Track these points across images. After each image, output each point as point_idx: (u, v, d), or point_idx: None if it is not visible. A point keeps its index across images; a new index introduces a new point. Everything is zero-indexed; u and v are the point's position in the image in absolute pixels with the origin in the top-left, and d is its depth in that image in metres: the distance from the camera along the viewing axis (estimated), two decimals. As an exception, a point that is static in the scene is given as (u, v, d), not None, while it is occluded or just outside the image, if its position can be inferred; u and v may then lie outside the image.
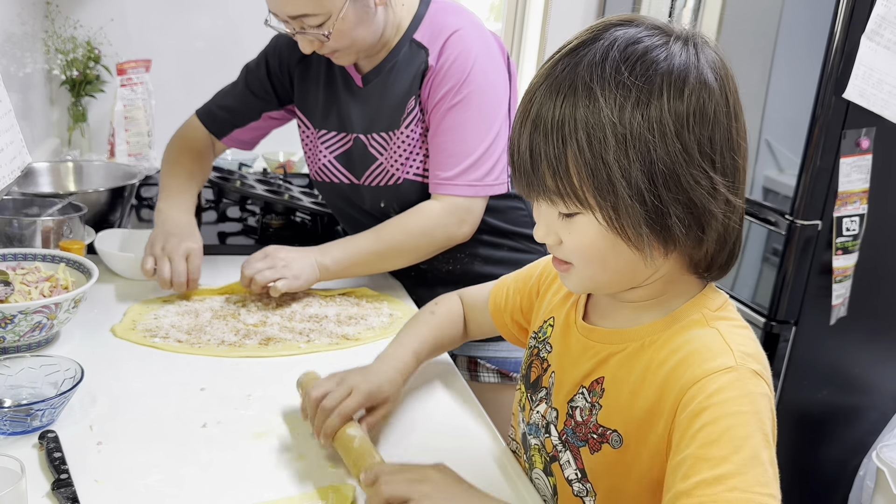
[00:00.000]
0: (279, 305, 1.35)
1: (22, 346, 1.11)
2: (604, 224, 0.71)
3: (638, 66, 0.69)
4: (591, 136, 0.68)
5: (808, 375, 1.98)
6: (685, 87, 0.69)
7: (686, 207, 0.70)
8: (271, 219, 1.77)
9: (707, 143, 0.69)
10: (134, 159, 2.13)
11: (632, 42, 0.70)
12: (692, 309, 0.77)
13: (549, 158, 0.70)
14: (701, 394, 0.70)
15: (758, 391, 0.70)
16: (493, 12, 3.26)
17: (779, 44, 1.96)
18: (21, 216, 1.39)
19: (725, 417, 0.68)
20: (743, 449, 0.66)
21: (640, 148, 0.68)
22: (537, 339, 0.94)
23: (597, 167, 0.69)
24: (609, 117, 0.68)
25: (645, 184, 0.68)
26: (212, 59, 2.48)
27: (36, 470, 0.86)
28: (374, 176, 1.41)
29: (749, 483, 0.65)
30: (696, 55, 0.71)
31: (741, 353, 0.72)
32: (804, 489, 2.11)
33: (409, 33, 1.36)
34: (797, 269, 1.89)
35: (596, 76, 0.69)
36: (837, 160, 1.82)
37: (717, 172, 0.70)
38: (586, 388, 0.82)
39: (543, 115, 0.70)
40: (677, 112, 0.68)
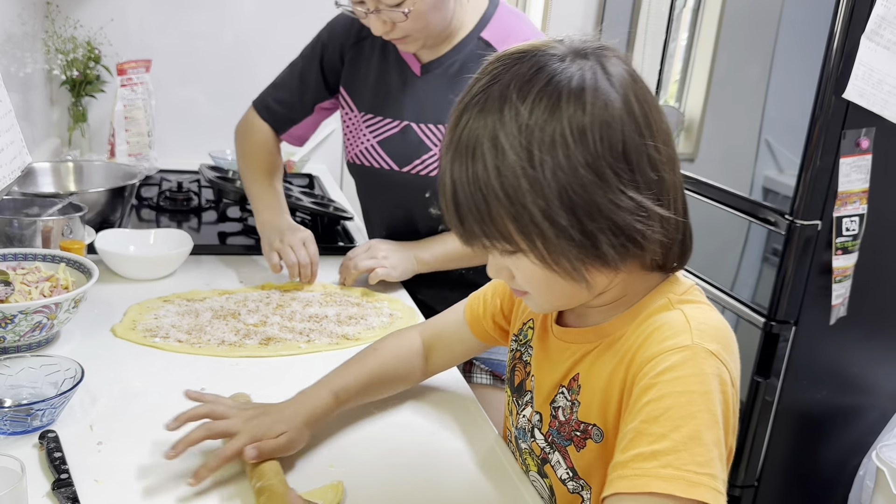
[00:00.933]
0: (279, 305, 1.35)
1: (22, 345, 1.11)
2: (538, 264, 0.73)
3: (536, 103, 0.68)
4: (504, 185, 0.69)
5: (807, 375, 1.98)
6: (584, 112, 0.68)
7: (613, 233, 0.70)
8: (271, 219, 1.77)
9: (621, 165, 0.69)
10: (134, 159, 2.13)
11: (527, 79, 0.69)
12: (657, 296, 0.78)
13: (473, 211, 0.71)
14: (652, 370, 0.71)
15: (710, 371, 0.70)
16: (493, 12, 3.26)
17: (779, 44, 1.96)
18: (21, 216, 1.39)
19: (671, 395, 0.68)
20: (683, 428, 0.67)
21: (554, 186, 0.68)
22: (518, 341, 0.95)
23: (518, 213, 0.69)
24: (517, 162, 0.68)
25: (568, 220, 0.68)
26: (212, 59, 2.48)
27: (36, 470, 0.86)
28: (424, 165, 1.42)
29: (684, 461, 0.66)
30: (594, 75, 0.70)
31: (700, 333, 0.72)
32: (804, 489, 2.11)
33: (477, 31, 1.38)
34: (797, 269, 1.89)
35: (498, 127, 0.69)
36: (837, 160, 1.82)
37: (639, 190, 0.70)
38: (565, 387, 0.84)
39: (457, 172, 0.71)
40: (584, 142, 0.68)
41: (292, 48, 1.59)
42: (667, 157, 0.72)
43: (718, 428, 0.68)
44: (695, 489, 0.65)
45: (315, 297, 1.40)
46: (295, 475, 0.90)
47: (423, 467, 0.94)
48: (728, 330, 0.76)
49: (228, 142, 2.45)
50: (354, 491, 0.87)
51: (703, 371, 0.69)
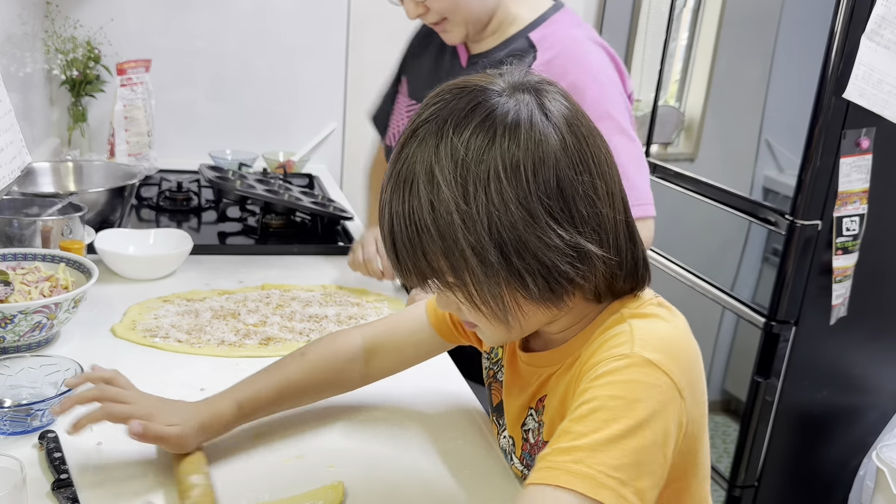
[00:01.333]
0: (279, 305, 1.35)
1: (22, 345, 1.11)
2: (465, 303, 0.73)
3: (471, 140, 0.68)
4: (436, 220, 0.69)
5: (808, 375, 1.98)
6: (518, 149, 0.68)
7: (540, 273, 0.70)
8: (271, 219, 1.77)
9: (555, 199, 0.69)
10: (134, 159, 2.13)
11: (464, 115, 0.70)
12: (611, 312, 0.78)
13: (407, 246, 0.72)
14: (590, 376, 0.71)
15: (646, 380, 0.69)
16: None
17: (779, 44, 1.96)
18: (21, 216, 1.39)
19: (599, 399, 0.68)
20: (604, 430, 0.66)
21: (486, 222, 0.68)
22: (490, 360, 0.95)
23: (449, 249, 0.70)
24: (452, 198, 0.68)
25: (496, 257, 0.69)
26: (212, 59, 2.48)
27: (36, 470, 0.86)
28: None
29: (597, 461, 0.65)
30: (530, 112, 0.70)
31: (641, 342, 0.71)
32: (804, 489, 2.11)
33: (527, 30, 1.34)
34: (797, 269, 1.89)
35: (434, 160, 0.69)
36: (837, 160, 1.82)
37: (575, 226, 0.70)
38: (533, 408, 0.84)
39: (394, 207, 0.72)
40: (517, 178, 0.68)
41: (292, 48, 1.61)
42: (606, 192, 0.72)
43: (643, 436, 0.67)
44: (600, 490, 0.64)
45: (315, 297, 1.40)
46: (295, 475, 0.90)
47: (424, 467, 0.94)
48: (681, 341, 0.75)
49: (228, 142, 2.46)
50: (354, 491, 0.87)
51: (634, 379, 0.69)
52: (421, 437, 1.01)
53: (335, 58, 2.55)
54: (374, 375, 1.04)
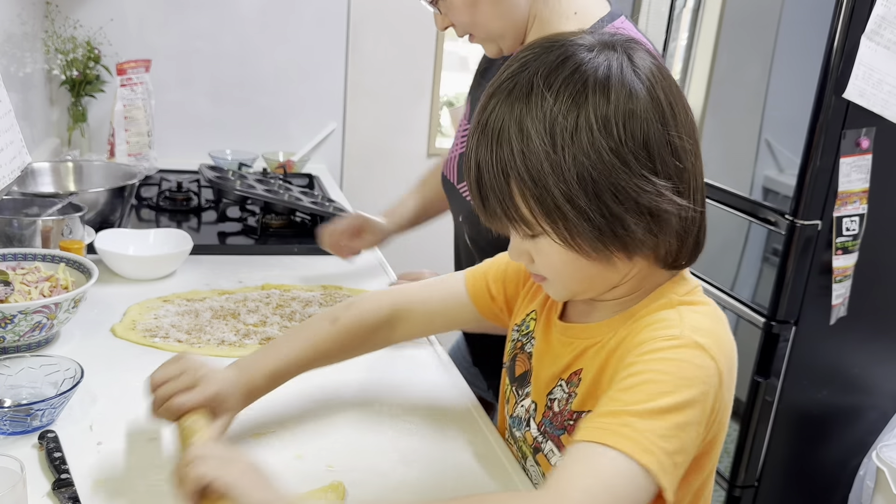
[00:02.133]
0: (279, 305, 1.35)
1: (22, 345, 1.11)
2: (560, 244, 0.74)
3: (562, 89, 0.70)
4: (528, 168, 0.70)
5: (808, 375, 1.98)
6: (609, 100, 0.69)
7: (638, 213, 0.71)
8: (271, 219, 1.77)
9: (642, 151, 0.70)
10: (134, 159, 2.13)
11: (555, 66, 0.71)
12: (659, 295, 0.80)
13: (497, 194, 0.73)
14: (638, 350, 0.73)
15: (694, 361, 0.71)
16: (492, 12, 3.26)
17: (779, 44, 1.96)
18: (21, 216, 1.39)
19: (648, 372, 0.70)
20: (651, 402, 0.68)
21: (575, 170, 0.69)
22: (520, 332, 0.95)
23: (541, 196, 0.71)
24: (542, 147, 0.70)
25: (589, 203, 0.70)
26: (212, 60, 2.48)
27: (36, 470, 0.86)
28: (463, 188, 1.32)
29: (643, 428, 0.67)
30: (620, 65, 0.71)
31: (691, 328, 0.74)
32: (804, 489, 2.11)
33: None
34: (797, 269, 1.89)
35: (525, 111, 0.71)
36: (837, 160, 1.82)
37: (660, 177, 0.71)
38: (564, 380, 0.85)
39: (482, 154, 0.73)
40: (605, 125, 0.69)
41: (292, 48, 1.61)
42: (690, 147, 0.74)
43: (687, 415, 0.69)
44: (645, 455, 0.66)
45: (315, 297, 1.40)
46: (294, 475, 0.90)
47: (424, 467, 0.94)
48: (723, 333, 0.77)
49: (228, 142, 2.46)
50: (354, 492, 0.87)
51: (685, 359, 0.71)
52: (421, 437, 1.01)
53: (335, 58, 2.55)
54: (398, 339, 1.05)
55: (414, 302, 1.03)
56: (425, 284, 1.06)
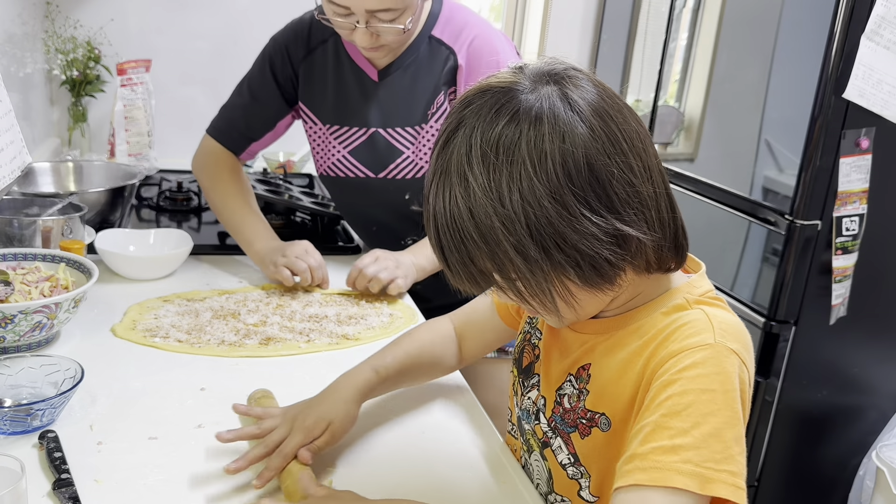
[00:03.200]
0: (279, 305, 1.35)
1: (22, 345, 1.11)
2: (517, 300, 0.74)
3: (500, 143, 0.69)
4: (479, 226, 0.70)
5: (807, 375, 1.98)
6: (544, 146, 0.68)
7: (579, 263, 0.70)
8: (271, 219, 1.77)
9: (589, 187, 0.69)
10: (134, 159, 2.13)
11: (490, 119, 0.70)
12: (675, 294, 0.79)
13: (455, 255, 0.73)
14: (675, 367, 0.72)
15: (732, 370, 0.71)
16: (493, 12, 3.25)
17: (779, 44, 1.96)
18: (21, 216, 1.39)
19: (693, 392, 0.70)
20: (704, 425, 0.68)
21: (524, 221, 0.69)
22: (530, 324, 0.96)
23: (493, 252, 0.71)
24: (489, 203, 0.69)
25: (537, 253, 0.69)
26: (212, 59, 2.48)
27: (36, 470, 0.86)
28: (398, 169, 1.43)
29: (703, 458, 0.67)
30: (552, 105, 0.70)
31: (722, 332, 0.73)
32: (804, 489, 2.11)
33: (427, 30, 1.39)
34: (797, 269, 1.89)
35: (466, 166, 0.70)
36: (837, 160, 1.82)
37: (614, 211, 0.70)
38: (573, 375, 0.84)
39: (439, 216, 0.73)
40: (545, 175, 0.68)
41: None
42: (642, 168, 0.72)
43: (739, 425, 0.70)
44: (711, 485, 0.67)
45: (315, 297, 1.40)
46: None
47: (424, 468, 0.94)
48: (746, 332, 0.77)
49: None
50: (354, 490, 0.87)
51: (725, 370, 0.71)
52: (421, 437, 1.01)
53: (335, 58, 2.55)
54: (468, 358, 1.10)
55: (467, 322, 1.09)
56: (472, 304, 1.10)
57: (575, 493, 0.85)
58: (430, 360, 1.07)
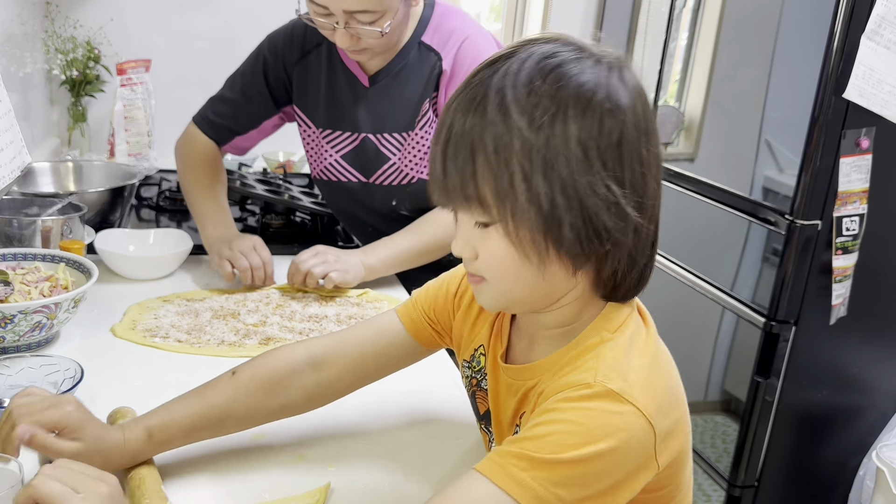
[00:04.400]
0: (279, 305, 1.35)
1: (22, 345, 1.11)
2: (504, 235, 0.72)
3: (549, 77, 0.70)
4: (497, 142, 0.70)
5: (807, 375, 1.98)
6: (594, 101, 0.69)
7: (581, 218, 0.70)
8: (271, 219, 1.77)
9: (613, 156, 0.70)
10: (134, 159, 2.13)
11: (546, 56, 0.71)
12: (592, 333, 0.77)
13: (458, 164, 0.72)
14: (554, 398, 0.71)
15: (609, 409, 0.68)
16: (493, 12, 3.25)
17: (779, 44, 1.96)
18: (21, 216, 1.39)
19: (556, 423, 0.69)
20: (556, 454, 0.67)
21: (544, 154, 0.69)
22: (472, 368, 0.92)
23: (500, 172, 0.70)
24: (517, 124, 0.69)
25: (544, 190, 0.69)
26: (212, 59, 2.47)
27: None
28: (386, 175, 1.43)
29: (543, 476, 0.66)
30: (608, 74, 0.71)
31: (605, 374, 0.71)
32: (804, 489, 2.11)
33: (417, 36, 1.39)
34: (797, 269, 1.89)
35: (509, 85, 0.70)
36: (837, 160, 1.82)
37: (623, 186, 0.70)
38: (518, 424, 0.83)
39: (457, 123, 0.72)
40: (582, 124, 0.69)
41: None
42: (655, 166, 0.73)
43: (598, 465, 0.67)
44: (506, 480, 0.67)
45: (315, 297, 1.40)
46: (295, 476, 0.90)
47: (424, 468, 0.94)
48: (655, 369, 0.74)
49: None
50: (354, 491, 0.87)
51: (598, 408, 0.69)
52: (421, 438, 1.01)
53: (335, 58, 2.55)
54: (325, 391, 0.94)
55: (334, 346, 0.95)
56: (349, 328, 0.98)
57: None
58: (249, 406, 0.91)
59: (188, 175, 1.54)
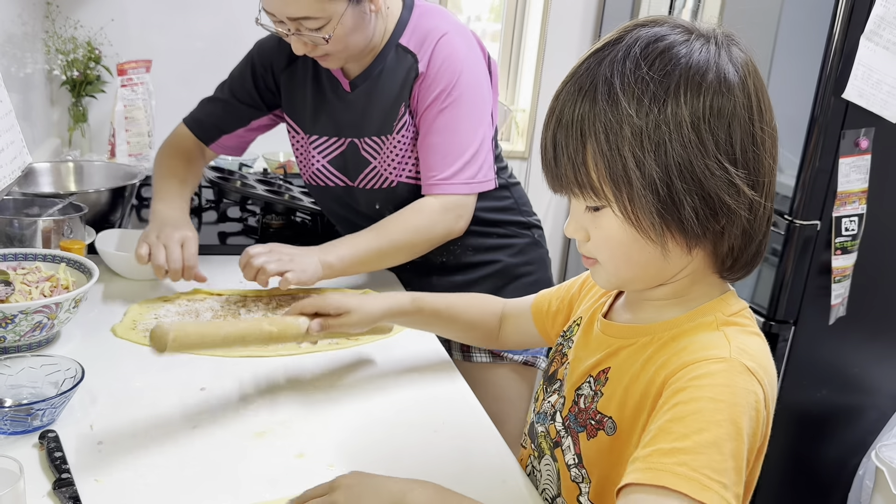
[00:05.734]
0: (279, 305, 1.35)
1: (22, 345, 1.11)
2: (620, 216, 0.74)
3: (657, 62, 0.71)
4: (608, 130, 0.71)
5: (807, 375, 1.98)
6: (703, 83, 0.70)
7: (700, 198, 0.71)
8: (271, 219, 1.77)
9: (724, 136, 0.71)
10: (134, 159, 2.13)
11: (654, 40, 0.72)
12: (707, 311, 0.79)
13: (570, 152, 0.74)
14: (686, 375, 0.72)
15: (743, 385, 0.71)
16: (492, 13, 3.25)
17: (778, 44, 1.96)
18: (22, 216, 1.39)
19: (700, 400, 0.70)
20: (706, 432, 0.68)
21: (656, 140, 0.70)
22: (564, 336, 0.96)
23: (613, 159, 0.71)
24: (626, 111, 0.70)
25: (658, 174, 0.70)
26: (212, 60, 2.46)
27: (37, 469, 0.87)
28: (367, 179, 1.43)
29: (700, 464, 0.67)
30: (717, 53, 0.72)
31: (738, 350, 0.73)
32: (804, 489, 2.12)
33: (395, 38, 1.38)
34: (796, 269, 1.89)
35: (616, 73, 0.71)
36: (836, 160, 1.82)
37: (736, 166, 0.71)
38: (593, 377, 0.85)
39: (566, 111, 0.74)
40: (693, 106, 0.70)
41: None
42: (769, 146, 0.74)
43: (741, 441, 0.69)
44: (705, 493, 0.66)
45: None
46: (295, 475, 0.90)
47: (425, 467, 0.95)
48: (768, 357, 0.76)
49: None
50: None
51: (735, 383, 0.70)
52: (422, 437, 1.01)
53: (335, 58, 2.55)
54: (503, 342, 1.15)
55: (512, 310, 1.13)
56: (522, 299, 1.12)
57: (575, 497, 0.85)
58: (467, 319, 1.13)
59: (162, 160, 1.54)
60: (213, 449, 0.94)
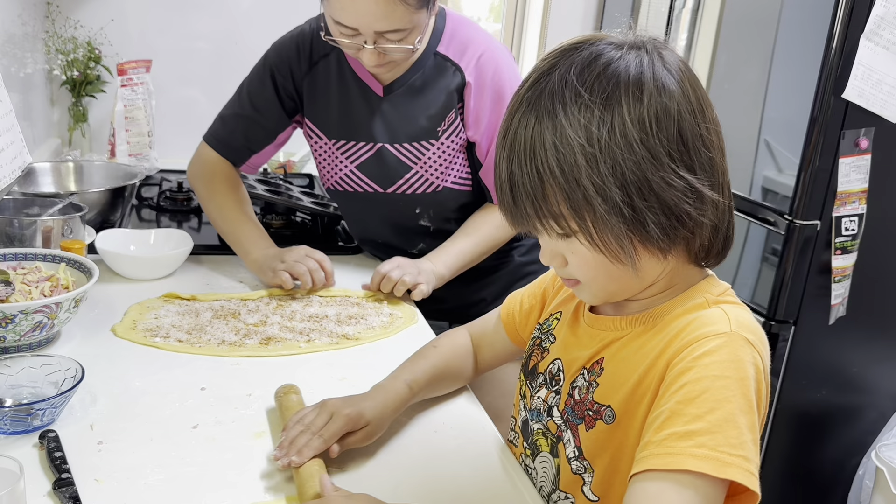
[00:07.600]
0: (279, 305, 1.35)
1: (22, 345, 1.11)
2: (587, 245, 0.75)
3: (595, 86, 0.71)
4: (561, 161, 0.71)
5: (807, 375, 1.98)
6: (643, 94, 0.71)
7: (661, 212, 0.72)
8: (272, 219, 1.77)
9: (675, 143, 0.72)
10: (134, 159, 2.13)
11: (587, 64, 0.73)
12: (694, 294, 0.80)
13: (527, 190, 0.74)
14: (690, 355, 0.73)
15: (747, 358, 0.72)
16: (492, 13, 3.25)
17: (778, 44, 1.96)
18: (22, 216, 1.39)
19: (708, 379, 0.70)
20: (718, 410, 0.69)
21: (609, 162, 0.70)
22: (541, 330, 0.97)
23: (572, 189, 0.72)
24: (576, 139, 0.70)
25: (620, 196, 0.71)
26: (213, 60, 2.48)
27: (37, 469, 0.87)
28: (408, 184, 1.43)
29: (718, 442, 0.68)
30: (651, 62, 0.73)
31: (737, 323, 0.74)
32: (803, 489, 2.12)
33: (432, 47, 1.39)
34: (796, 269, 1.89)
35: (559, 104, 0.72)
36: (836, 160, 1.82)
37: (692, 171, 0.72)
38: (587, 369, 0.85)
39: (517, 147, 0.74)
40: (640, 119, 0.70)
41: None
42: (717, 142, 0.75)
43: (753, 413, 0.70)
44: (727, 469, 0.67)
45: (315, 297, 1.40)
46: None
47: (425, 466, 0.95)
48: (761, 330, 0.78)
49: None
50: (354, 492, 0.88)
51: (739, 357, 0.72)
52: (422, 437, 1.01)
53: (335, 58, 2.55)
54: (483, 369, 1.12)
55: (479, 332, 1.11)
56: (485, 316, 1.12)
57: (579, 489, 0.85)
58: (453, 372, 1.08)
59: (213, 203, 1.51)
60: (212, 449, 0.94)
